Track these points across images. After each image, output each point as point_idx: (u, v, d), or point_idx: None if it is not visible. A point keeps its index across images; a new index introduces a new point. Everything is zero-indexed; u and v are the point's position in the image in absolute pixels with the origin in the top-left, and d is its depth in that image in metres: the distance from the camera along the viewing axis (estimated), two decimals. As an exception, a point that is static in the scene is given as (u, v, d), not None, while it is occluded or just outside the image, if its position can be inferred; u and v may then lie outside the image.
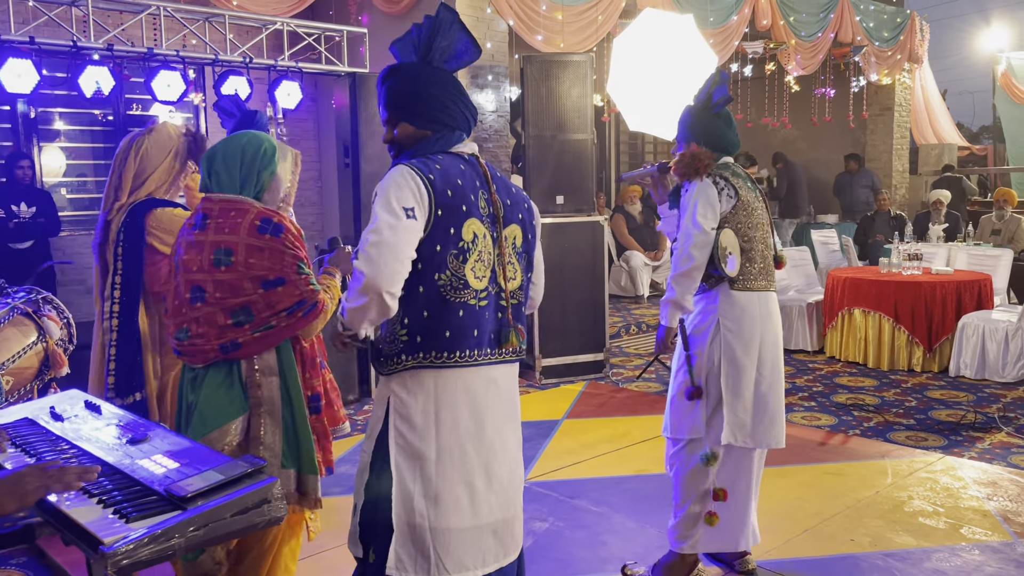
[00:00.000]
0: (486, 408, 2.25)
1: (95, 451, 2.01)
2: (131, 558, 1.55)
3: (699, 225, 3.03)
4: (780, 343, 3.24)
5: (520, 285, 2.33)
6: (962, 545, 3.61)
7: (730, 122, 3.26)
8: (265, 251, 2.35)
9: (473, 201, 2.22)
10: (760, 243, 3.16)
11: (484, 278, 2.22)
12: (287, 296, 2.36)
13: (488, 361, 2.24)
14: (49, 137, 7.20)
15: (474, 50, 2.30)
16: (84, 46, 5.45)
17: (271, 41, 6.58)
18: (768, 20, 9.41)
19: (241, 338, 2.36)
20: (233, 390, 2.39)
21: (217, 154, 2.47)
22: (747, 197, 3.13)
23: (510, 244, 2.30)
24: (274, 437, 2.42)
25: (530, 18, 7.31)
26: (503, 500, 2.28)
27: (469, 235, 2.19)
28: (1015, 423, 5.36)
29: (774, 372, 3.18)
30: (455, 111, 2.28)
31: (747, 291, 3.12)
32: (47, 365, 3.22)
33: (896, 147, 12.56)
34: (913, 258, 7.24)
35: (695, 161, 3.12)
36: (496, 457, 2.26)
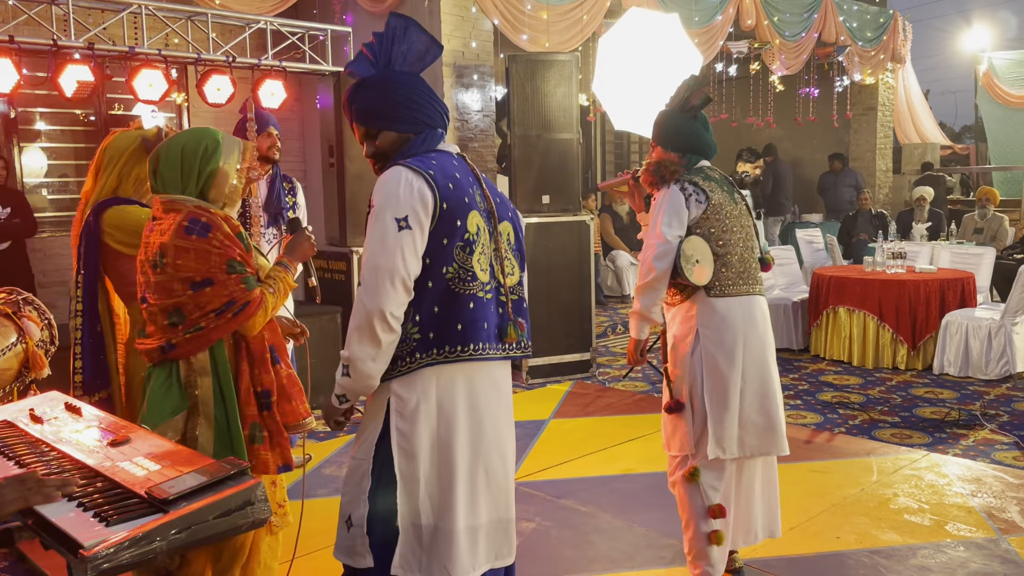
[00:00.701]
0: (486, 405, 2.25)
1: (75, 453, 1.98)
2: (112, 562, 1.52)
3: (662, 235, 2.97)
4: (768, 347, 3.13)
5: (518, 281, 2.34)
6: (947, 542, 3.63)
7: (707, 124, 3.20)
8: (191, 252, 2.35)
9: (471, 194, 2.24)
10: (739, 246, 3.07)
11: (487, 271, 2.23)
12: (216, 297, 2.36)
13: (493, 356, 2.23)
14: (30, 137, 7.11)
15: (435, 48, 2.31)
16: (65, 45, 5.39)
17: (254, 40, 6.53)
18: (752, 20, 9.44)
19: (175, 339, 2.38)
20: (172, 390, 2.41)
21: (160, 155, 2.48)
22: (719, 200, 3.05)
23: (505, 240, 2.30)
24: (207, 437, 2.42)
25: (515, 17, 7.30)
26: (501, 500, 2.29)
27: (473, 227, 2.20)
28: (998, 420, 5.40)
29: (763, 378, 3.08)
30: (431, 110, 2.27)
31: (725, 297, 3.03)
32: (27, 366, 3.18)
33: (879, 146, 12.64)
34: (897, 257, 7.29)
35: (660, 169, 3.08)
36: (493, 455, 2.27)
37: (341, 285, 6.10)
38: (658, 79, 5.64)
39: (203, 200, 2.47)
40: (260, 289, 2.43)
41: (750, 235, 3.15)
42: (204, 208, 2.44)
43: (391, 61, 2.25)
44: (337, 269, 6.14)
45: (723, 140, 13.86)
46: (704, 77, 3.23)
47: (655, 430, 5.20)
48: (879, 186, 12.56)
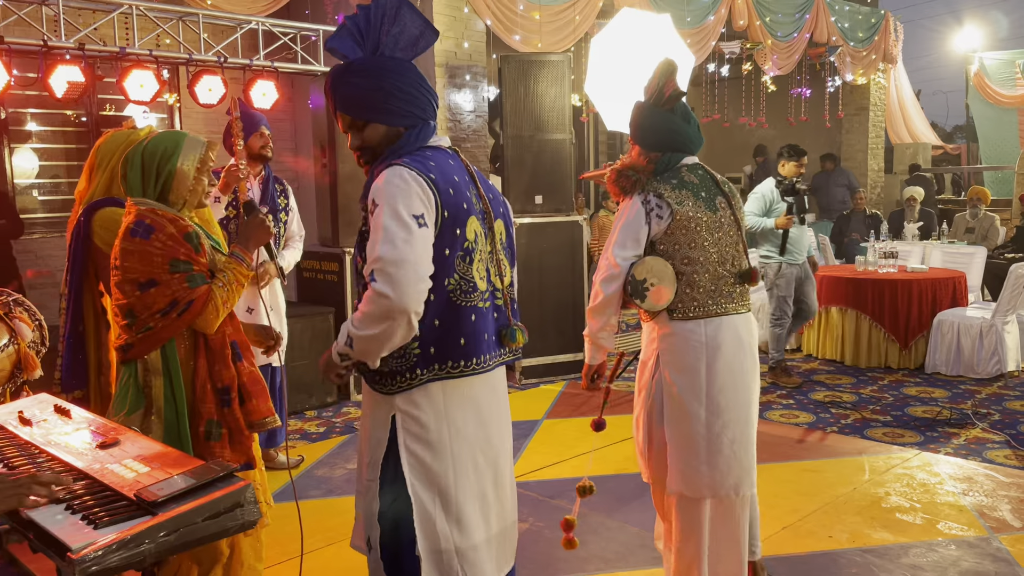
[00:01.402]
0: (489, 414, 2.16)
1: (64, 456, 1.97)
2: (100, 564, 1.52)
3: (612, 257, 2.73)
4: (743, 373, 2.79)
5: (511, 281, 2.24)
6: (939, 540, 3.64)
7: (688, 116, 2.87)
8: (135, 254, 2.39)
9: (468, 197, 2.10)
10: (712, 262, 2.76)
11: (485, 278, 2.12)
12: (160, 297, 2.39)
13: (494, 365, 2.16)
14: (21, 138, 7.08)
15: (430, 32, 2.14)
16: (55, 45, 5.37)
17: (246, 40, 6.51)
18: (744, 20, 9.46)
19: (130, 339, 2.43)
20: (130, 390, 2.45)
21: (128, 159, 2.54)
22: (689, 212, 2.72)
23: (499, 239, 2.18)
24: (156, 436, 2.44)
25: (508, 18, 7.30)
26: (507, 507, 2.24)
27: (472, 234, 2.07)
28: (989, 419, 5.42)
29: (732, 409, 2.75)
30: (424, 101, 2.11)
31: (688, 320, 2.73)
32: (19, 368, 3.16)
33: (871, 146, 12.68)
34: (888, 256, 7.31)
35: (622, 177, 2.79)
36: (499, 463, 2.20)
37: (333, 286, 6.08)
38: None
39: (163, 202, 2.50)
40: (207, 286, 2.44)
41: (729, 248, 2.82)
42: (153, 210, 2.47)
43: (380, 45, 2.08)
44: (329, 270, 6.12)
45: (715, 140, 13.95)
46: (674, 64, 2.88)
47: (648, 430, 5.21)
48: (871, 186, 12.60)
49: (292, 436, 5.24)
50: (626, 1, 7.79)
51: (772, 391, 6.22)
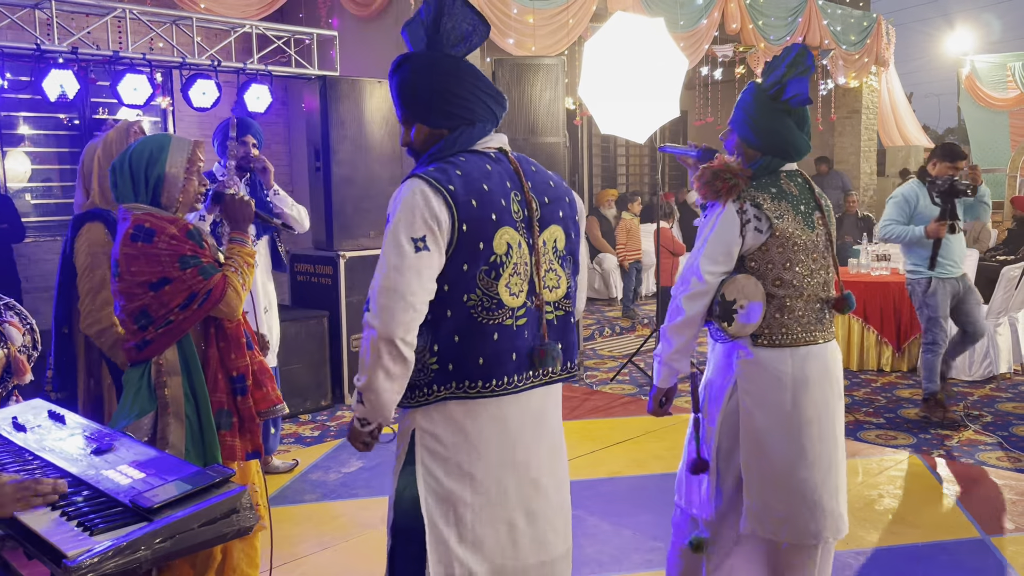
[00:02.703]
0: (520, 436, 2.01)
1: (59, 462, 1.97)
2: (96, 571, 1.51)
3: (700, 271, 2.43)
4: (829, 408, 2.55)
5: (566, 293, 2.06)
6: (932, 542, 3.65)
7: (804, 121, 2.55)
8: (140, 257, 2.42)
9: (504, 207, 1.96)
10: (806, 286, 2.49)
11: (521, 293, 1.97)
12: (176, 293, 2.42)
13: (530, 385, 2.01)
14: (13, 142, 7.07)
15: (483, 28, 2.03)
16: (48, 49, 5.37)
17: (240, 44, 6.52)
18: (737, 24, 9.50)
19: (149, 336, 2.44)
20: (140, 392, 2.45)
21: (114, 166, 2.54)
22: (788, 228, 2.44)
23: (550, 248, 2.03)
24: (178, 436, 2.45)
25: (501, 21, 7.31)
26: (551, 538, 2.06)
27: (502, 247, 1.94)
28: (981, 420, 5.44)
29: (818, 449, 2.50)
30: (473, 102, 2.01)
31: (775, 348, 2.46)
32: (9, 372, 3.15)
33: (864, 149, 12.74)
34: (881, 259, 7.33)
35: (716, 181, 2.47)
36: (538, 493, 2.04)
37: (328, 289, 6.08)
38: (644, 83, 5.66)
39: (156, 206, 2.51)
40: (220, 273, 2.48)
41: (822, 272, 2.54)
42: (150, 213, 2.48)
43: (438, 36, 1.98)
44: (323, 273, 6.12)
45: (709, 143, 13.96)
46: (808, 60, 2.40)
47: (642, 433, 5.22)
48: (863, 188, 12.65)
49: (286, 440, 5.23)
50: (620, 5, 7.82)
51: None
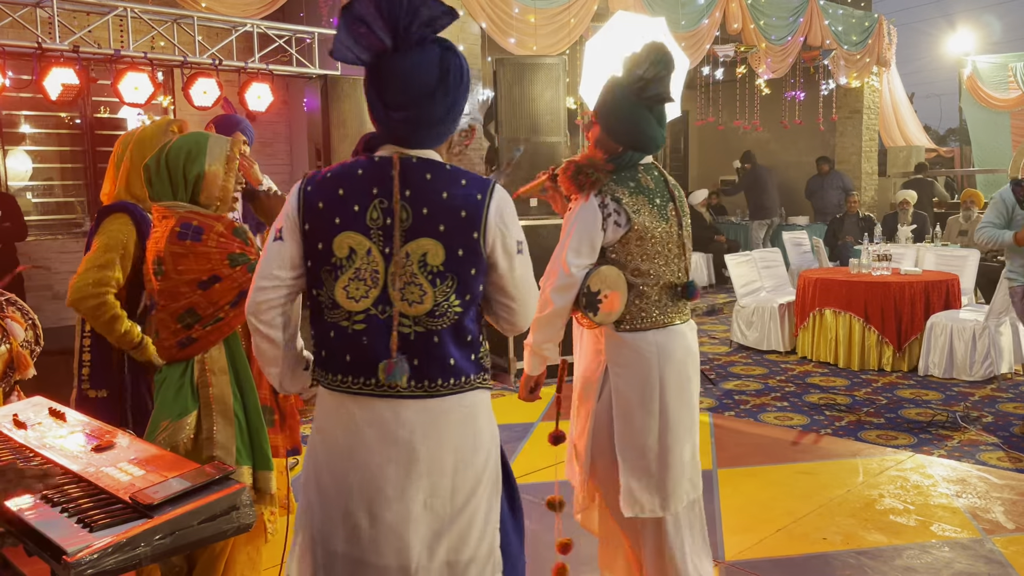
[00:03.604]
0: (362, 440, 1.97)
1: (59, 459, 1.97)
2: (96, 567, 1.52)
3: (567, 263, 2.53)
4: (690, 382, 2.72)
5: (431, 310, 1.93)
6: (932, 542, 3.65)
7: (662, 119, 2.65)
8: (188, 256, 2.40)
9: (355, 212, 1.93)
10: (662, 274, 2.63)
11: (364, 299, 1.93)
12: (227, 291, 2.41)
13: (369, 393, 1.95)
14: (14, 140, 7.07)
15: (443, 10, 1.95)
16: (49, 48, 5.37)
17: (241, 43, 6.52)
18: (739, 24, 9.50)
19: (195, 334, 2.42)
20: (182, 391, 2.43)
21: (151, 164, 2.51)
22: (644, 222, 2.57)
23: (415, 261, 1.92)
24: (227, 435, 2.44)
25: (503, 20, 7.31)
26: (395, 546, 1.97)
27: (343, 251, 1.93)
28: (982, 421, 5.44)
29: (679, 420, 2.68)
30: (378, 112, 1.96)
31: (637, 332, 2.60)
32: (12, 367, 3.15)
33: (865, 149, 12.73)
34: (882, 259, 7.33)
35: (580, 175, 2.57)
36: (384, 501, 1.96)
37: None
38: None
39: (195, 204, 2.48)
40: None
41: (675, 260, 2.68)
42: (195, 212, 2.46)
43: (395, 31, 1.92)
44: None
45: (710, 143, 14.01)
46: (669, 56, 2.52)
47: (643, 432, 5.22)
48: (864, 188, 12.65)
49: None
50: (621, 4, 7.81)
51: (766, 393, 6.24)
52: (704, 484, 4.33)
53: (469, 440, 2.00)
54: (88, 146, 7.33)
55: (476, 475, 2.01)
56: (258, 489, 2.50)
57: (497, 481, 2.08)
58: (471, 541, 2.01)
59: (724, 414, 5.71)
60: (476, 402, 2.02)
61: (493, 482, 2.06)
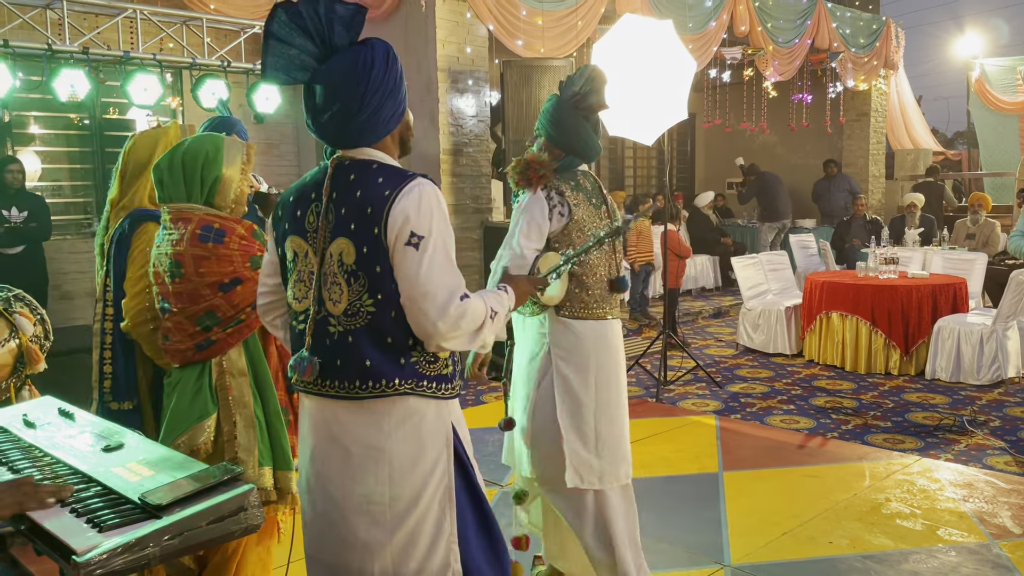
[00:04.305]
0: (311, 436, 2.06)
1: (68, 459, 1.98)
2: (105, 568, 1.52)
3: (519, 245, 2.75)
4: (617, 372, 2.94)
5: (346, 308, 1.94)
6: (939, 547, 3.64)
7: (598, 128, 3.00)
8: (212, 258, 2.39)
9: (299, 216, 2.03)
10: (599, 266, 2.88)
11: (305, 300, 2.01)
12: (248, 293, 2.41)
13: (305, 389, 2.03)
14: (24, 141, 7.11)
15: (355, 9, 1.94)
16: (59, 49, 5.40)
17: (249, 44, 6.54)
18: (746, 26, 9.48)
19: (214, 336, 2.41)
20: (201, 394, 2.42)
21: (163, 165, 2.48)
22: (582, 216, 2.84)
23: (335, 261, 1.95)
24: (248, 437, 2.44)
25: (510, 23, 7.32)
26: (337, 547, 2.02)
27: (289, 254, 2.06)
28: (989, 425, 5.42)
29: (613, 406, 2.91)
30: (308, 115, 2.04)
31: (578, 319, 2.84)
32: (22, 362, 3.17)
33: (872, 152, 12.70)
34: (889, 262, 7.31)
35: (528, 171, 2.86)
36: (324, 497, 2.03)
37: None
38: (652, 85, 5.66)
39: (210, 207, 2.48)
40: None
41: (609, 256, 2.93)
42: (215, 215, 2.45)
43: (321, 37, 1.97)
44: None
45: (717, 146, 13.99)
46: (604, 76, 2.96)
47: (648, 435, 5.22)
48: (872, 192, 12.62)
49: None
50: (628, 7, 7.81)
51: (772, 396, 6.23)
52: (710, 487, 4.37)
53: (408, 447, 1.98)
54: (97, 147, 7.36)
55: (418, 485, 1.99)
56: (279, 489, 2.51)
57: (449, 492, 2.03)
58: (417, 553, 1.98)
59: (730, 417, 5.70)
60: (414, 409, 1.98)
61: (443, 493, 2.02)
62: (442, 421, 2.03)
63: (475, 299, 1.97)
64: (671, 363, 6.78)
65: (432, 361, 2.00)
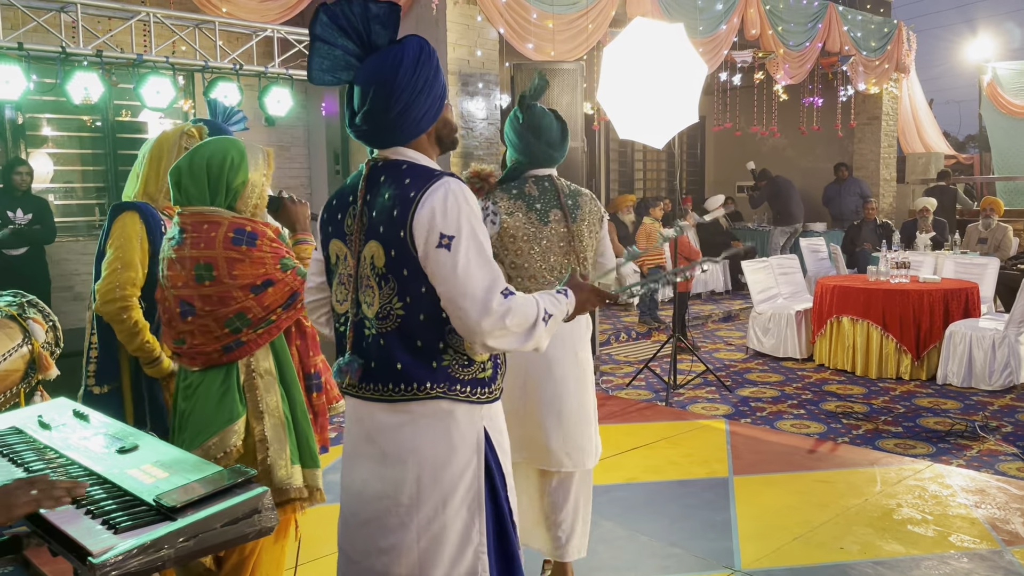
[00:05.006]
0: (349, 435, 2.10)
1: (83, 460, 1.99)
2: (120, 569, 1.53)
3: None
4: (555, 364, 3.05)
5: (378, 312, 1.95)
6: (951, 553, 3.63)
7: (539, 133, 3.05)
8: (245, 261, 2.38)
9: (339, 220, 2.06)
10: (536, 270, 3.01)
11: (345, 303, 2.04)
12: (279, 294, 2.42)
13: (353, 394, 2.04)
14: (37, 143, 7.15)
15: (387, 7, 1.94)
16: (73, 52, 5.43)
17: (261, 48, 6.57)
18: (757, 30, 9.47)
19: (244, 337, 2.40)
20: (229, 395, 2.41)
21: (183, 168, 2.45)
22: (514, 223, 2.99)
23: (367, 264, 1.97)
24: (279, 437, 2.44)
25: (521, 26, 7.33)
26: (366, 546, 2.05)
27: (332, 257, 2.09)
28: (1001, 431, 5.39)
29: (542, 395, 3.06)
30: (346, 117, 2.09)
31: None
32: (33, 368, 3.19)
33: (883, 156, 12.65)
34: (901, 266, 7.28)
35: (474, 178, 3.04)
36: (358, 501, 2.06)
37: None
38: (662, 88, 5.65)
39: (232, 210, 2.47)
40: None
41: (558, 258, 3.04)
42: (244, 218, 2.45)
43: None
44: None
45: (727, 149, 13.97)
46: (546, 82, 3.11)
47: (659, 438, 5.21)
48: (883, 195, 12.57)
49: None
50: (639, 10, 7.81)
51: (783, 400, 6.21)
52: (720, 491, 4.36)
53: (438, 451, 1.97)
54: (109, 149, 7.40)
55: (446, 489, 1.98)
56: (308, 487, 2.53)
57: (478, 499, 2.01)
58: (442, 559, 1.98)
59: (740, 421, 5.69)
60: (445, 413, 1.97)
61: (472, 499, 2.00)
62: (474, 426, 2.01)
63: (524, 297, 1.93)
64: (680, 367, 6.77)
65: (466, 364, 1.98)
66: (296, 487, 2.46)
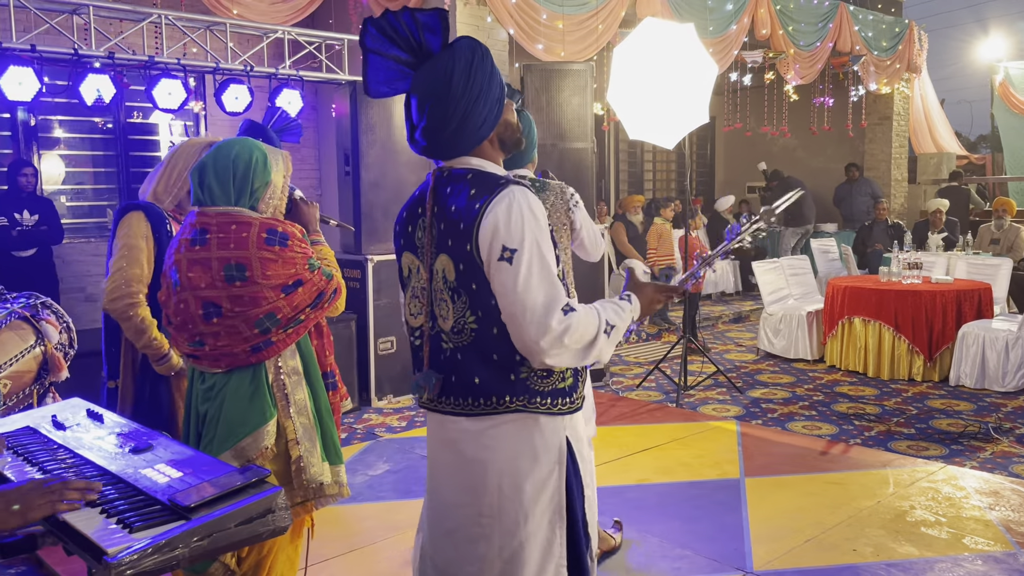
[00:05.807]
0: (431, 449, 2.12)
1: (97, 460, 2.00)
2: (135, 568, 1.53)
3: None
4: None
5: (453, 326, 1.94)
6: (964, 555, 3.60)
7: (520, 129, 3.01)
8: (279, 261, 2.37)
9: (410, 232, 2.05)
10: None
11: (419, 316, 2.03)
12: (308, 294, 2.43)
13: (432, 408, 2.05)
14: (48, 145, 7.19)
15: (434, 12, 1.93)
16: (85, 54, 5.46)
17: (272, 49, 6.59)
18: (767, 30, 9.44)
19: (274, 337, 2.40)
20: (259, 395, 2.40)
21: (207, 167, 2.43)
22: None
23: (440, 277, 1.95)
24: (309, 435, 2.45)
25: (530, 27, 7.32)
26: (442, 548, 2.06)
27: (405, 270, 2.09)
28: (1015, 432, 5.35)
29: None
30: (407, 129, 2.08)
31: None
32: (46, 369, 3.21)
33: (895, 156, 12.59)
34: (913, 267, 7.25)
35: None
36: (436, 509, 2.09)
37: (356, 292, 6.12)
38: (673, 89, 5.64)
39: (254, 211, 2.47)
40: (333, 273, 2.54)
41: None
42: (272, 219, 2.45)
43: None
44: (352, 277, 6.16)
45: (737, 149, 13.93)
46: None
47: (670, 440, 5.20)
48: (894, 196, 12.51)
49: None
50: (649, 10, 7.80)
51: (794, 402, 6.19)
52: (731, 493, 4.35)
53: (520, 463, 1.95)
54: (121, 151, 7.43)
55: (527, 502, 1.96)
56: (336, 483, 2.54)
57: (560, 512, 1.99)
58: (526, 572, 1.97)
59: (751, 422, 5.67)
60: (527, 424, 1.95)
61: (553, 512, 1.98)
62: (556, 437, 1.98)
63: (585, 311, 1.88)
64: (691, 368, 6.75)
65: (545, 376, 1.94)
66: (328, 483, 2.48)
